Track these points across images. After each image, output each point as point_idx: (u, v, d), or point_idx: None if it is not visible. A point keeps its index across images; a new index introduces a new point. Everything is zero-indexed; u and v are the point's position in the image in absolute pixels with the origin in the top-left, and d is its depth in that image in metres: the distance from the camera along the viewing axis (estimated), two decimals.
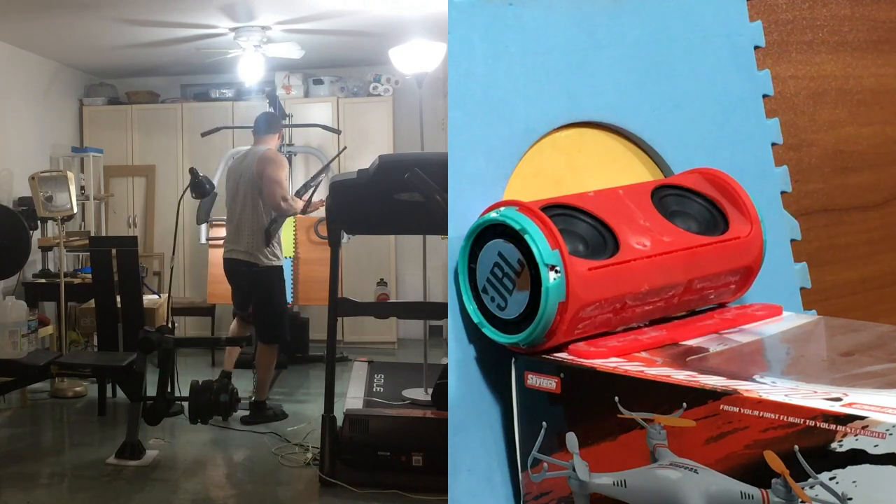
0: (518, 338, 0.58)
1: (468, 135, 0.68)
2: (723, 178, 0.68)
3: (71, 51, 6.96)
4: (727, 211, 0.67)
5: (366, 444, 3.79)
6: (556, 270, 0.55)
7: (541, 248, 0.55)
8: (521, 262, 0.56)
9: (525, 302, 0.57)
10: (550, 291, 0.55)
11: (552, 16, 0.72)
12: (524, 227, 0.56)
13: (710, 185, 0.68)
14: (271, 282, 4.90)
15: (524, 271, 0.56)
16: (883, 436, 0.41)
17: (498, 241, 0.58)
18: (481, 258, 0.60)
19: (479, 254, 0.60)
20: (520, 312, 0.58)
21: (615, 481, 0.52)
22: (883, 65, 0.89)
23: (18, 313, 4.78)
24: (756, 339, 0.60)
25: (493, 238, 0.59)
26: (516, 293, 0.57)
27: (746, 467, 0.46)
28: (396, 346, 7.30)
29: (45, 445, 4.83)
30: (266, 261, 4.84)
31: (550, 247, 0.55)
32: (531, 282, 0.56)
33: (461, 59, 0.68)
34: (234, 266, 4.92)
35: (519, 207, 0.57)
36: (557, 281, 0.55)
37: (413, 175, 3.43)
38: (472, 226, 0.61)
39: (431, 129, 5.39)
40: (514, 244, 0.57)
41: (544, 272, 0.55)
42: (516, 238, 0.56)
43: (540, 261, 0.55)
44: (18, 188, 6.37)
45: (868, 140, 0.88)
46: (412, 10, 5.55)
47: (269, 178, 4.78)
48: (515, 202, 0.58)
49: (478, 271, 0.61)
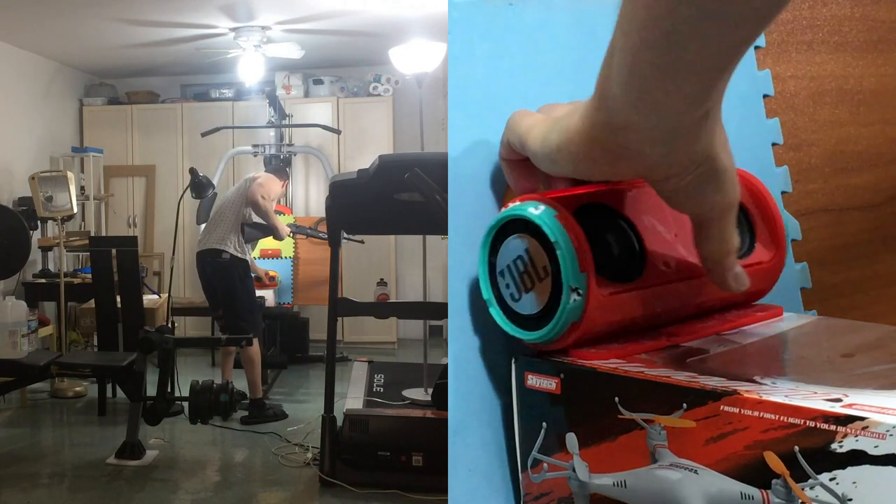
0: (521, 333, 0.58)
1: (468, 135, 0.68)
2: (762, 191, 0.66)
3: (71, 51, 6.96)
4: (757, 229, 0.65)
5: (366, 444, 3.79)
6: (578, 293, 0.54)
7: (570, 269, 0.54)
8: (547, 269, 0.56)
9: (539, 305, 0.56)
10: (567, 312, 0.54)
11: (552, 15, 0.72)
12: (558, 240, 0.54)
13: (748, 193, 0.66)
14: (236, 273, 4.97)
15: (547, 279, 0.56)
16: (883, 436, 0.41)
17: (528, 238, 0.57)
18: (507, 244, 0.59)
19: (504, 241, 0.59)
20: (532, 312, 0.57)
21: (615, 482, 0.52)
22: (883, 65, 0.89)
23: (18, 313, 4.78)
24: (756, 339, 0.60)
25: (524, 231, 0.57)
26: (533, 293, 0.57)
27: (747, 468, 0.46)
28: (396, 346, 7.30)
29: (45, 445, 4.84)
30: (233, 252, 4.96)
31: (580, 268, 0.54)
32: (551, 290, 0.55)
33: (461, 59, 0.68)
34: (202, 259, 5.04)
35: (558, 214, 0.55)
36: (577, 304, 0.54)
37: (413, 175, 3.43)
38: (505, 213, 0.58)
39: (431, 129, 5.39)
40: (543, 247, 0.56)
41: (566, 292, 0.54)
42: (547, 242, 0.55)
43: (565, 281, 0.54)
44: (18, 188, 6.38)
45: (868, 140, 0.88)
46: (412, 10, 5.55)
47: (257, 183, 5.11)
48: (555, 201, 0.56)
49: (500, 254, 0.60)
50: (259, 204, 5.04)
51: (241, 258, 5.00)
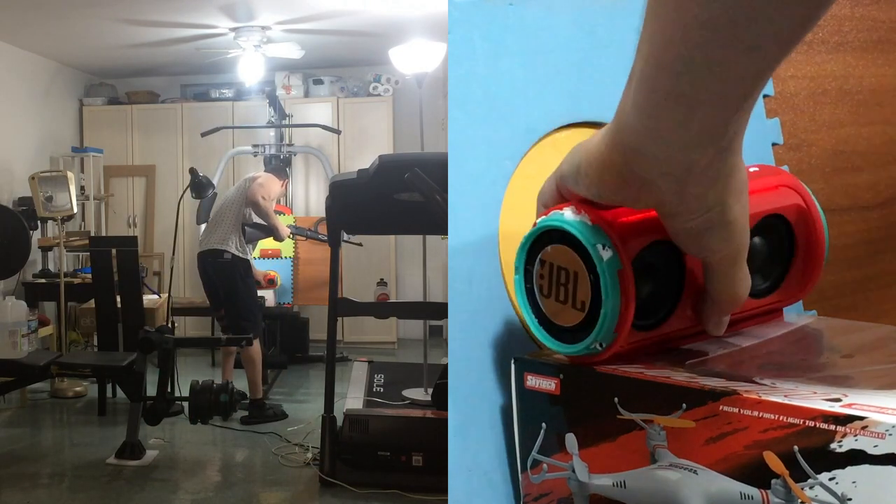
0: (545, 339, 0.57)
1: (468, 135, 0.68)
2: (816, 225, 0.61)
3: (71, 51, 6.96)
4: (794, 265, 0.61)
5: (366, 444, 3.79)
6: (601, 345, 0.53)
7: (605, 327, 0.53)
8: (585, 305, 0.54)
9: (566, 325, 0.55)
10: (589, 350, 0.54)
11: (553, 16, 0.72)
12: (608, 297, 0.52)
13: (803, 224, 0.61)
14: (237, 272, 4.97)
15: (581, 314, 0.54)
16: (883, 436, 0.41)
17: (580, 262, 0.54)
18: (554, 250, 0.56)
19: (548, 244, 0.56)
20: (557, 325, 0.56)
21: (615, 482, 0.52)
22: (883, 65, 0.89)
23: (18, 313, 4.78)
24: (756, 340, 0.60)
25: (576, 249, 0.54)
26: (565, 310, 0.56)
27: (746, 468, 0.46)
28: (396, 346, 7.30)
29: (45, 445, 4.84)
30: (234, 252, 4.96)
31: (614, 330, 0.53)
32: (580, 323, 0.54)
33: (461, 59, 0.68)
34: (203, 260, 5.03)
35: (622, 270, 0.52)
36: (595, 351, 0.54)
37: (413, 175, 3.43)
38: (563, 224, 0.54)
39: (431, 129, 5.40)
40: (591, 283, 0.53)
41: (591, 340, 0.53)
42: (597, 283, 0.53)
43: (595, 335, 0.53)
44: (18, 188, 6.38)
45: (868, 140, 0.88)
46: (412, 10, 5.55)
47: (257, 183, 5.10)
48: (623, 246, 0.52)
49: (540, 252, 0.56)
50: (259, 204, 5.04)
51: (242, 258, 5.00)
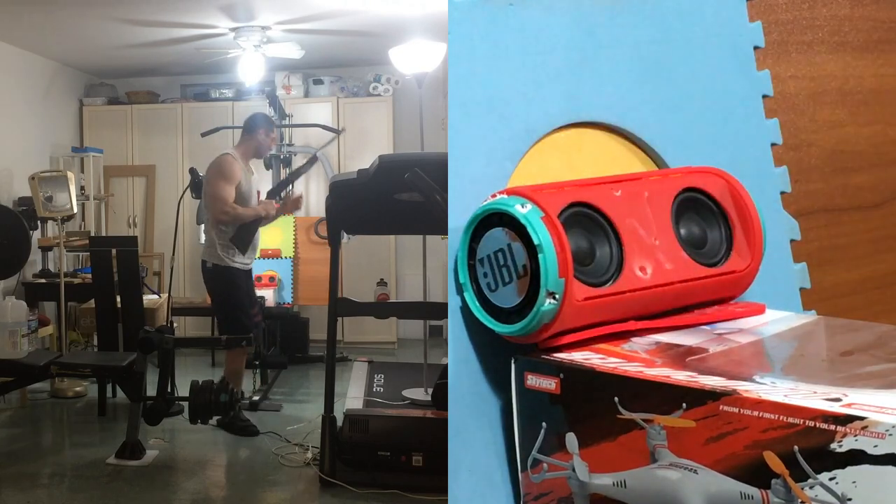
0: (494, 324, 0.59)
1: (468, 135, 0.68)
2: (745, 199, 0.67)
3: (71, 51, 6.96)
4: (735, 236, 0.66)
5: (366, 444, 3.79)
6: (554, 298, 0.55)
7: (549, 274, 0.54)
8: (527, 268, 0.56)
9: (515, 300, 0.57)
10: (541, 314, 0.55)
11: (552, 16, 0.72)
12: (541, 243, 0.55)
13: (731, 199, 0.67)
14: (225, 281, 4.70)
15: (526, 278, 0.56)
16: (882, 436, 0.41)
17: (511, 234, 0.57)
18: (490, 235, 0.59)
19: (488, 230, 0.59)
20: (507, 306, 0.58)
21: (615, 482, 0.52)
22: (883, 65, 0.89)
23: (18, 313, 4.77)
24: (756, 339, 0.60)
25: (509, 226, 0.58)
26: (510, 287, 0.57)
27: (746, 468, 0.46)
28: (396, 346, 7.30)
29: (45, 445, 4.83)
30: (224, 261, 4.67)
31: (559, 274, 0.54)
32: (528, 288, 0.56)
33: (461, 59, 0.68)
34: (202, 268, 4.82)
35: (544, 216, 0.55)
36: (552, 307, 0.55)
37: (413, 175, 3.43)
38: (492, 205, 0.58)
39: (431, 129, 5.39)
40: (525, 246, 0.56)
41: (542, 295, 0.55)
42: (530, 242, 0.56)
43: (543, 284, 0.55)
44: (18, 188, 6.37)
45: (868, 140, 0.88)
46: (412, 10, 5.55)
47: (208, 195, 4.71)
48: (543, 201, 0.56)
49: (482, 242, 0.60)
50: (225, 221, 4.63)
51: (223, 266, 4.69)
